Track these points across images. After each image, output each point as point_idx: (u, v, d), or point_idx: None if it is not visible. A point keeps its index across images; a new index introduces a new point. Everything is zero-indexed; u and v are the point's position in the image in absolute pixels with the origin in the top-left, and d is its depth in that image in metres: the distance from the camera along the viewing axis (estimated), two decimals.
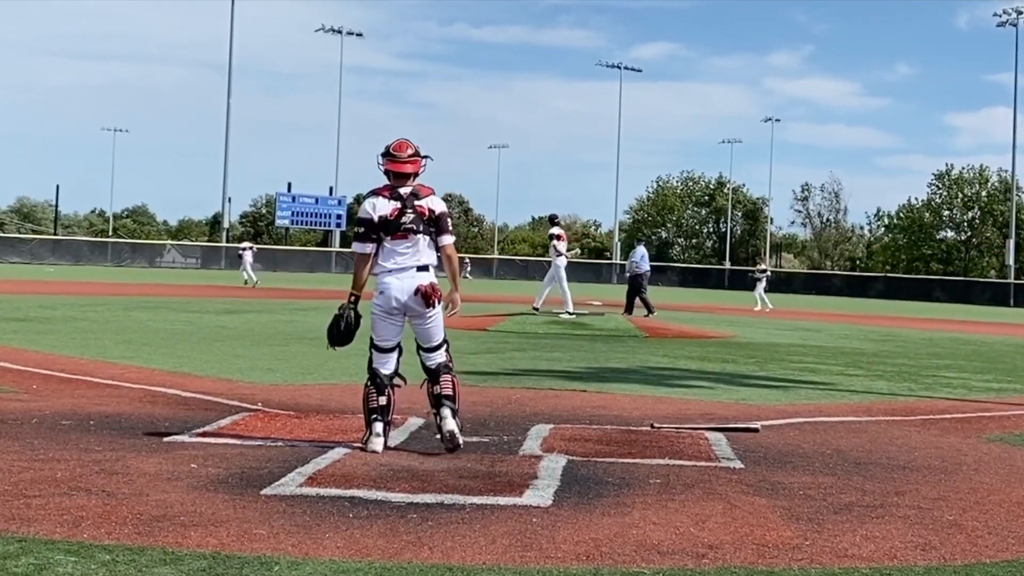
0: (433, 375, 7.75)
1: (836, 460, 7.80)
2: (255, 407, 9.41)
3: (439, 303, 7.66)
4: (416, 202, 7.61)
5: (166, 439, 7.67)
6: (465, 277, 32.70)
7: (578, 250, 27.17)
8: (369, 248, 7.60)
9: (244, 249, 50.39)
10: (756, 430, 9.00)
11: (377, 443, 7.46)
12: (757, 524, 5.72)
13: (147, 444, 7.44)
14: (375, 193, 7.70)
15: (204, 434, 7.94)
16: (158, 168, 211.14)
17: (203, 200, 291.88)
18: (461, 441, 7.55)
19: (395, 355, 7.73)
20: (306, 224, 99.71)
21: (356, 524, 5.41)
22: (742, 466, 7.41)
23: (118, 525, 5.21)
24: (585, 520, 5.66)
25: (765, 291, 40.81)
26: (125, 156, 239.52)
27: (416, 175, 7.73)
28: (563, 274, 26.19)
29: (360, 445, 7.53)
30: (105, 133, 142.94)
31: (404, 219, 7.55)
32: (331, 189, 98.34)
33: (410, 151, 7.71)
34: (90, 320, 20.40)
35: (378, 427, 7.52)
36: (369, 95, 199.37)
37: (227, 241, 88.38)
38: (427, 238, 7.63)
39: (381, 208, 7.58)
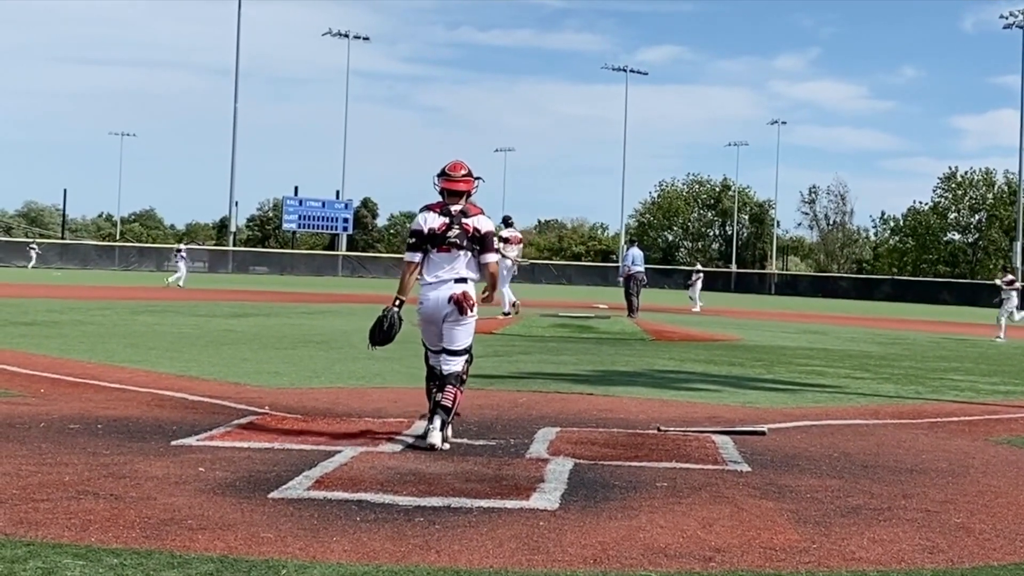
0: (441, 382, 8.07)
1: (843, 463, 7.79)
2: (262, 410, 9.41)
3: (472, 311, 8.10)
4: (464, 220, 8.10)
5: (173, 443, 7.68)
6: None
7: (524, 261, 26.65)
8: (417, 257, 8.08)
9: (179, 251, 50.27)
10: (763, 433, 9.00)
11: (436, 437, 7.88)
12: (764, 527, 5.72)
13: (154, 448, 7.45)
14: (428, 208, 8.18)
15: (211, 437, 7.95)
16: (165, 172, 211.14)
17: (210, 204, 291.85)
18: (439, 447, 7.81)
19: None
20: (313, 228, 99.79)
21: (363, 527, 5.41)
22: (749, 469, 7.41)
23: (126, 529, 5.22)
24: (592, 523, 5.66)
25: (699, 291, 41.54)
26: (133, 160, 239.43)
27: (469, 195, 8.22)
28: (506, 275, 26.08)
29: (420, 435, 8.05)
30: (113, 137, 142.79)
31: (450, 233, 8.05)
32: (338, 193, 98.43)
33: (463, 171, 8.20)
34: (97, 324, 20.42)
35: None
36: (376, 99, 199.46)
37: (234, 245, 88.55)
38: (469, 255, 8.12)
39: (431, 221, 8.08)
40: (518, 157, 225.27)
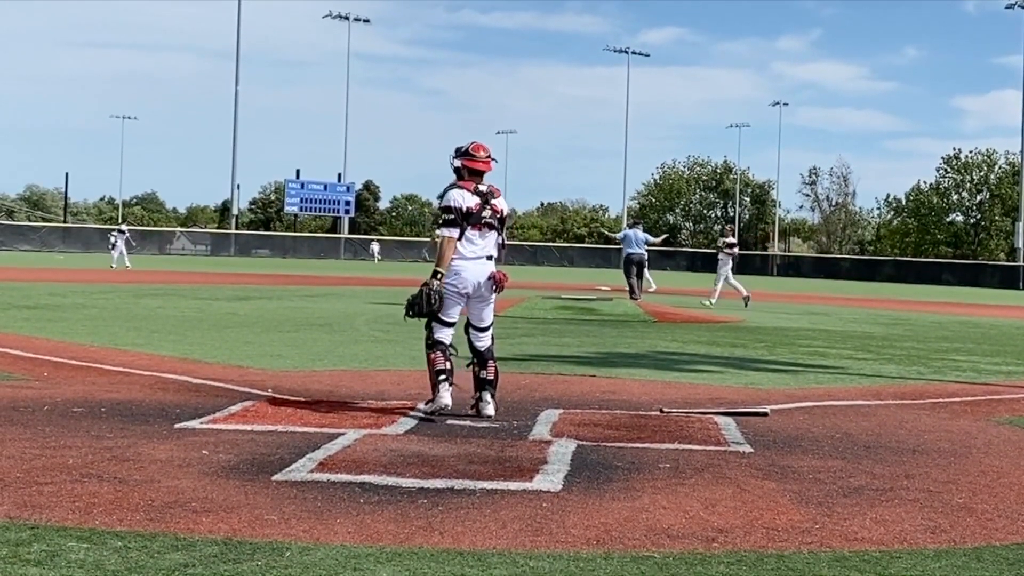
0: (481, 359, 8.64)
1: (845, 444, 7.80)
2: (265, 393, 9.43)
3: (501, 291, 8.68)
4: (492, 200, 8.54)
5: (177, 426, 7.69)
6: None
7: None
8: (456, 233, 8.40)
9: (119, 232, 50.43)
10: (765, 414, 9.01)
11: (447, 396, 8.40)
12: (767, 508, 5.73)
13: (158, 431, 7.47)
14: (459, 186, 8.50)
15: (215, 420, 7.96)
16: (167, 155, 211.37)
17: (212, 187, 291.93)
18: (494, 415, 8.47)
19: (453, 329, 8.65)
20: (315, 211, 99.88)
21: (367, 509, 5.42)
22: (751, 450, 7.42)
23: (130, 512, 5.23)
24: (595, 504, 5.67)
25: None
26: (134, 144, 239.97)
27: (483, 174, 8.62)
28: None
29: (424, 407, 8.46)
30: (114, 121, 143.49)
31: (484, 213, 8.47)
32: (340, 176, 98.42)
33: (485, 153, 8.62)
34: (100, 307, 20.44)
35: (446, 385, 8.41)
36: (377, 82, 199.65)
37: (236, 228, 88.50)
38: (496, 233, 8.62)
39: (468, 200, 8.41)
40: (520, 139, 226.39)
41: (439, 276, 8.41)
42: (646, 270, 31.31)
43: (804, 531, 5.27)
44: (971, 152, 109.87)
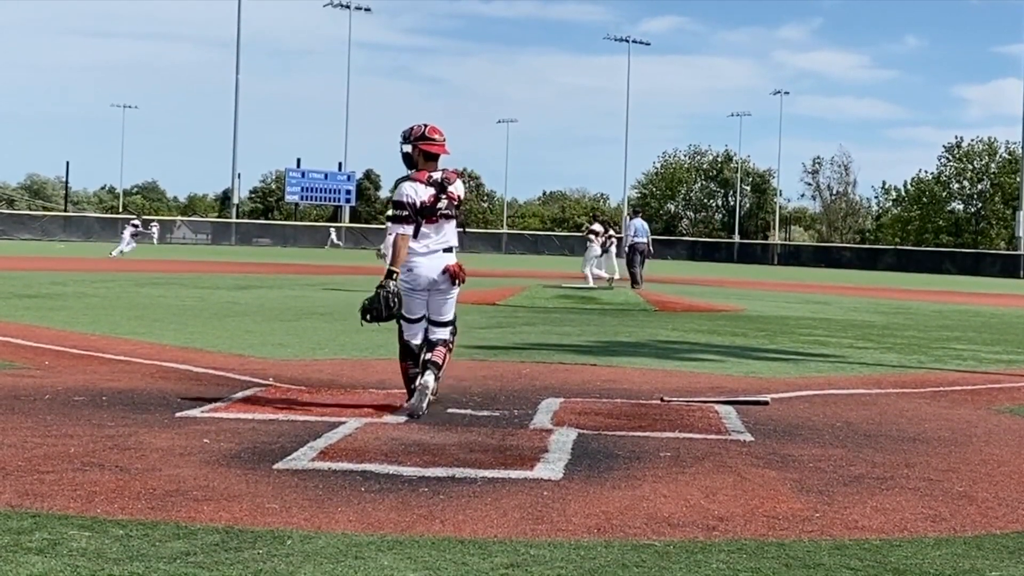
0: (430, 344, 8.22)
1: (846, 432, 7.81)
2: (266, 382, 9.43)
3: (462, 283, 8.23)
4: (448, 188, 8.10)
5: (178, 414, 7.70)
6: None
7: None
8: (410, 230, 8.00)
9: (132, 223, 51.19)
10: (766, 403, 9.01)
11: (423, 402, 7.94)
12: (767, 496, 5.73)
13: (159, 419, 7.47)
14: (411, 179, 8.09)
15: (216, 409, 7.96)
16: (168, 144, 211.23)
17: (213, 176, 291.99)
18: (427, 401, 7.91)
19: (423, 325, 8.25)
20: (316, 200, 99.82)
21: (368, 498, 5.43)
22: (752, 439, 7.42)
23: (131, 500, 5.24)
24: (596, 493, 5.68)
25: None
26: (135, 133, 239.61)
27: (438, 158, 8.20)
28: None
29: (405, 408, 7.97)
30: (115, 110, 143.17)
31: (440, 205, 8.06)
32: (340, 164, 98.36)
33: (441, 136, 8.18)
34: (101, 296, 20.44)
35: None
36: (378, 71, 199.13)
37: (237, 217, 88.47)
38: (454, 222, 8.21)
39: (421, 194, 8.02)
40: (521, 128, 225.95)
41: (394, 276, 7.97)
42: (615, 258, 31.44)
43: (804, 519, 5.28)
44: (972, 140, 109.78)
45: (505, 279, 33.43)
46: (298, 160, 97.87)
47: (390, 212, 8.26)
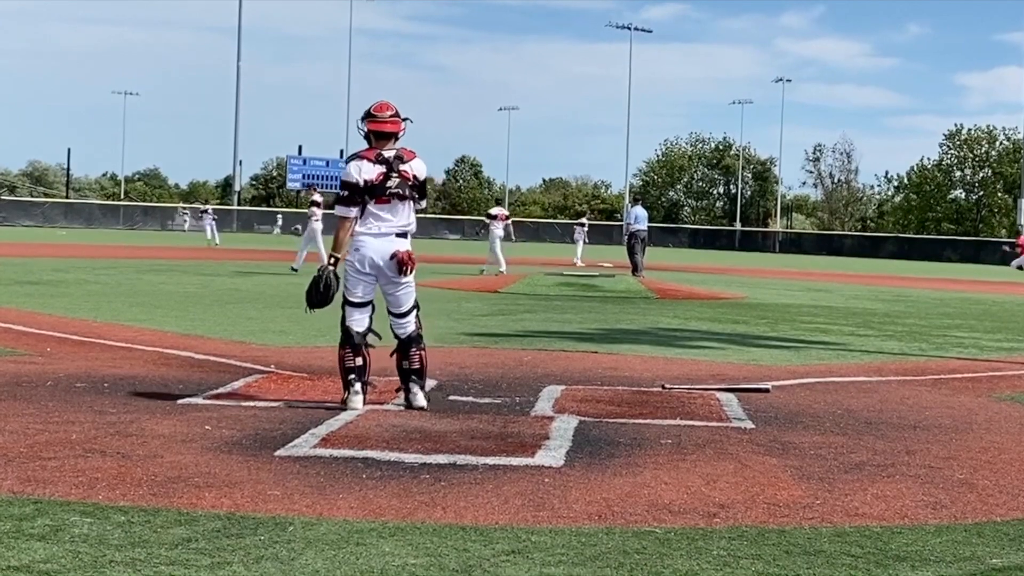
0: (403, 347, 7.80)
1: (847, 420, 7.81)
2: (268, 369, 9.44)
3: (412, 271, 7.72)
4: (401, 166, 7.64)
5: (180, 401, 7.70)
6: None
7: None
8: (354, 212, 7.60)
9: (204, 212, 52.91)
10: (767, 390, 9.02)
11: (357, 400, 7.56)
12: (768, 483, 5.74)
13: (161, 406, 7.48)
14: (359, 156, 7.70)
15: (218, 396, 7.97)
16: (169, 131, 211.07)
17: (214, 163, 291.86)
18: (426, 406, 7.66)
19: (368, 311, 7.75)
20: (317, 187, 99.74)
21: (369, 485, 5.44)
22: (753, 426, 7.43)
23: (133, 487, 5.25)
24: (597, 480, 5.68)
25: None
26: (136, 119, 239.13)
27: (397, 137, 7.74)
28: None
29: (339, 404, 7.59)
30: (116, 96, 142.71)
31: (389, 183, 7.59)
32: (342, 152, 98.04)
33: (390, 112, 7.73)
34: (103, 283, 20.45)
35: (357, 386, 7.60)
36: (379, 58, 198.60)
37: (239, 204, 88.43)
38: (409, 203, 7.72)
39: (367, 172, 7.57)
40: (522, 116, 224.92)
41: (333, 260, 7.70)
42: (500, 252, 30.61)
43: (805, 507, 5.28)
44: (973, 128, 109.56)
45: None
46: (299, 147, 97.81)
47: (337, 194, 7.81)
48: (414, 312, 7.85)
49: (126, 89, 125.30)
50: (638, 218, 31.31)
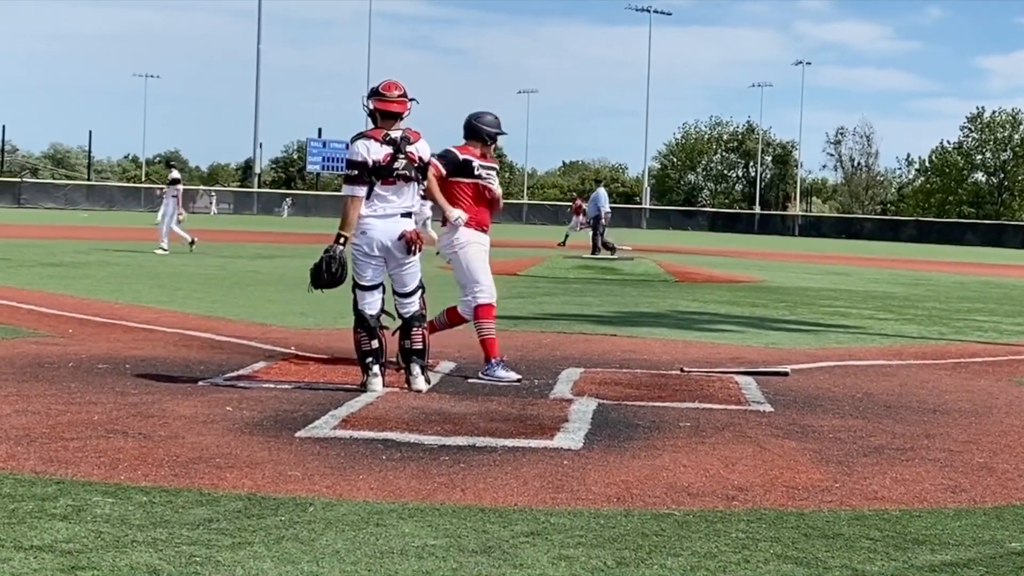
0: (405, 326, 7.86)
1: (866, 403, 7.80)
2: (289, 351, 9.47)
3: (420, 251, 7.76)
4: (408, 148, 7.66)
5: (201, 383, 7.74)
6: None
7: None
8: (362, 192, 7.60)
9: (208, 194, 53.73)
10: (786, 374, 9.01)
11: (376, 383, 7.62)
12: (787, 467, 5.74)
13: (182, 387, 7.52)
14: (366, 136, 7.71)
15: (239, 378, 8.00)
16: (190, 114, 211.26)
17: (235, 146, 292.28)
18: (424, 389, 7.69)
19: (379, 293, 7.82)
20: (337, 169, 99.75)
21: (389, 466, 5.46)
22: (772, 409, 7.43)
23: (154, 467, 5.29)
24: (616, 462, 5.70)
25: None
26: (157, 102, 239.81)
27: (402, 117, 7.74)
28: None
29: (358, 387, 7.65)
30: (137, 79, 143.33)
31: (396, 165, 7.60)
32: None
33: (398, 92, 7.74)
34: (124, 265, 20.53)
35: (375, 368, 7.66)
36: (398, 41, 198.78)
37: (259, 186, 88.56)
38: (414, 184, 7.75)
39: (375, 152, 7.58)
40: (541, 99, 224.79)
41: (342, 240, 7.61)
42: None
43: (824, 490, 5.29)
44: (995, 111, 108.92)
45: (525, 249, 33.41)
46: (319, 130, 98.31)
47: (345, 173, 7.82)
48: (419, 292, 7.91)
49: (147, 72, 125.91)
50: (595, 200, 31.86)
